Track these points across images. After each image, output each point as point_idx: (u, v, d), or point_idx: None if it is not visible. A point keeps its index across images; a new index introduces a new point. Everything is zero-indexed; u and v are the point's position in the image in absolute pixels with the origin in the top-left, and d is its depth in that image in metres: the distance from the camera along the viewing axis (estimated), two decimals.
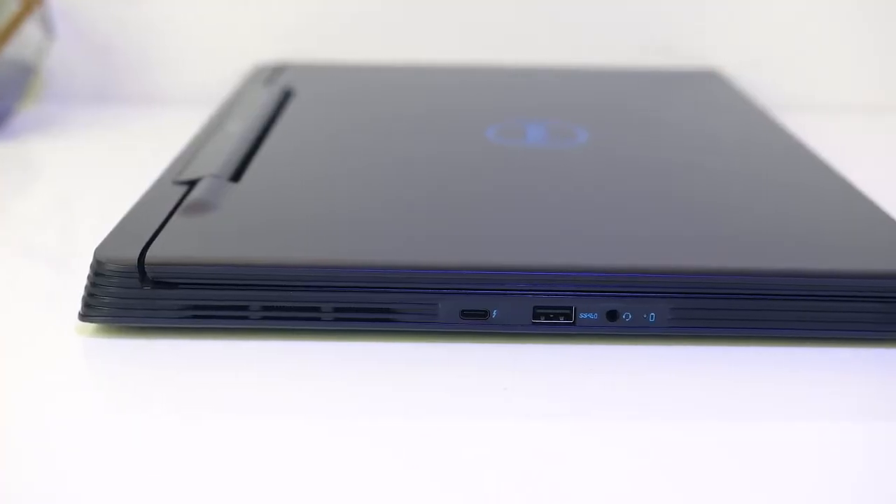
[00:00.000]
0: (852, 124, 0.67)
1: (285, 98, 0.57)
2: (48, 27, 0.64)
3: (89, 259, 0.35)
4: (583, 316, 0.35)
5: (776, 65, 0.70)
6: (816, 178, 0.45)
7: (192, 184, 0.41)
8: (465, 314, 0.35)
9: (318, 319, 0.35)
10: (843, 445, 0.30)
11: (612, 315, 0.35)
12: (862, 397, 0.33)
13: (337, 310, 0.35)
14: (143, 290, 0.35)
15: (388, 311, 0.35)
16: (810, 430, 0.31)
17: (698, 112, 0.58)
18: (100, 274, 0.35)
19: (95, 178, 0.55)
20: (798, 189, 0.43)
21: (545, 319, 0.35)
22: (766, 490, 0.28)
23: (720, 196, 0.42)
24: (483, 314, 0.35)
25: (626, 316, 0.35)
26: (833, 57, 0.70)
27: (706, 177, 0.45)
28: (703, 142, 0.51)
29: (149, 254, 0.35)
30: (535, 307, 0.35)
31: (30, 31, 0.61)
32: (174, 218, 0.38)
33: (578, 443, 0.30)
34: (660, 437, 0.31)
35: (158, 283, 0.35)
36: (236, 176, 0.43)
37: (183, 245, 0.36)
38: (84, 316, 0.35)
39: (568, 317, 0.35)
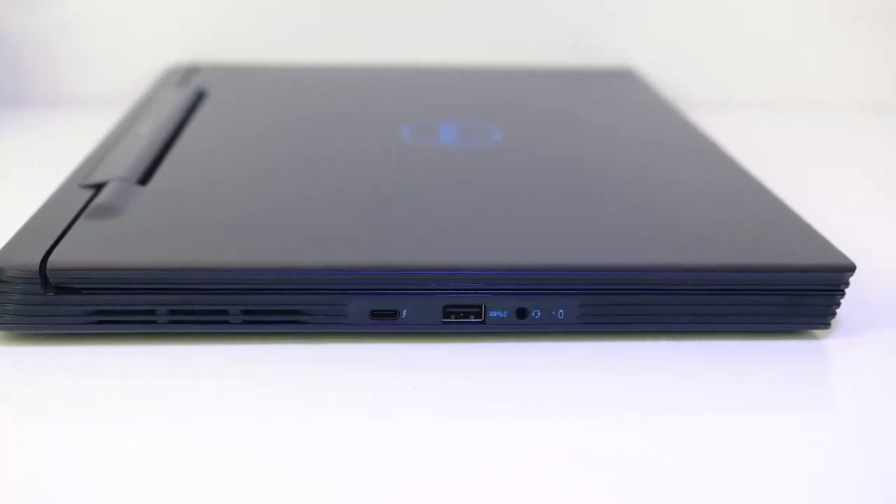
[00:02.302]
0: (762, 122, 0.68)
1: (198, 99, 0.56)
2: None
3: None
4: (492, 314, 0.35)
5: (689, 64, 0.71)
6: (724, 175, 0.45)
7: (98, 187, 0.41)
8: (375, 314, 0.35)
9: (227, 322, 0.35)
10: (747, 436, 0.31)
11: (522, 312, 0.35)
12: (765, 388, 0.34)
13: (245, 312, 0.35)
14: (45, 297, 0.34)
15: (297, 312, 0.35)
16: (716, 422, 0.32)
17: (611, 110, 0.59)
18: (1, 281, 0.34)
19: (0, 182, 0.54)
20: (705, 186, 0.44)
21: (455, 318, 0.35)
22: (674, 480, 0.29)
23: (629, 194, 0.43)
24: (393, 314, 0.35)
25: (536, 313, 0.35)
26: (743, 56, 0.72)
27: (616, 175, 0.45)
28: (614, 140, 0.52)
29: (51, 259, 0.34)
30: (445, 306, 0.35)
31: None
32: (79, 222, 0.37)
33: (487, 441, 0.30)
34: (569, 432, 0.31)
35: (62, 289, 0.34)
36: (145, 179, 0.42)
37: (87, 249, 0.35)
38: None
39: (478, 315, 0.35)
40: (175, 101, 0.55)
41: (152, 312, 0.35)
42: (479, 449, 0.30)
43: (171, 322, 0.35)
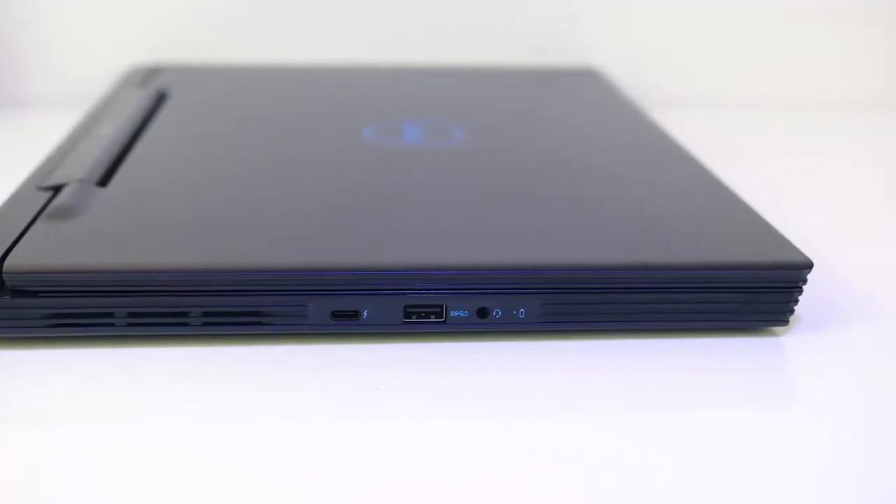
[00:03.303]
0: (724, 120, 0.69)
1: (159, 100, 0.56)
2: None
3: None
4: (453, 314, 0.35)
5: (652, 63, 0.72)
6: (684, 174, 0.46)
7: (57, 189, 0.40)
8: (336, 315, 0.35)
9: (186, 325, 0.35)
10: (707, 432, 0.31)
11: (483, 312, 0.35)
12: (725, 385, 0.34)
13: (205, 314, 0.35)
14: (2, 300, 0.34)
15: (257, 314, 0.35)
16: (676, 418, 0.32)
17: (574, 110, 0.59)
18: None
19: None
20: (666, 185, 0.44)
21: (416, 318, 0.35)
22: (636, 476, 0.29)
23: (590, 192, 0.43)
24: (354, 315, 0.35)
25: (497, 312, 0.35)
26: (706, 55, 0.72)
27: (578, 174, 0.45)
28: (576, 139, 0.52)
29: (7, 261, 0.34)
30: (406, 306, 0.35)
31: None
32: (36, 224, 0.37)
33: (448, 440, 0.30)
34: (531, 431, 0.31)
35: (18, 292, 0.34)
36: (104, 180, 0.42)
37: (44, 252, 0.35)
38: None
39: (439, 315, 0.35)
40: (136, 101, 0.54)
41: (111, 315, 0.34)
42: (442, 449, 0.30)
43: (129, 325, 0.34)
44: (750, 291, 0.36)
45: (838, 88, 0.74)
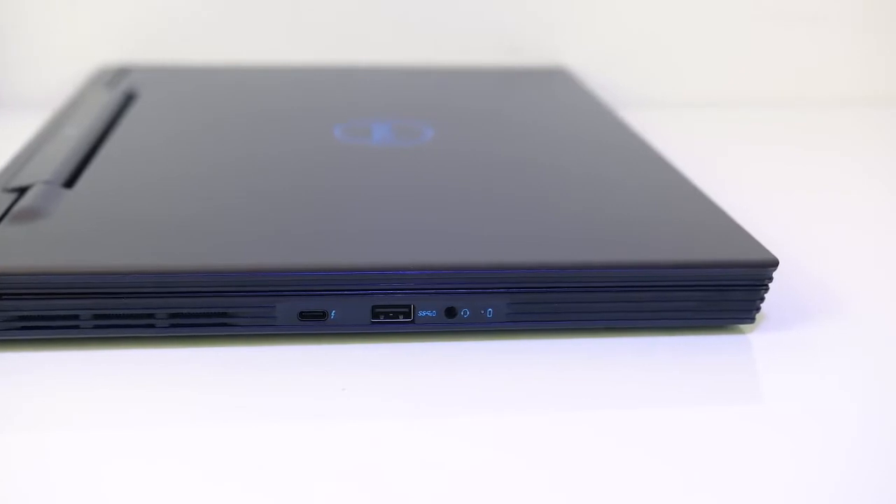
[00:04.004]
0: (694, 119, 0.69)
1: (127, 101, 0.55)
2: None
3: None
4: (421, 314, 0.35)
5: (622, 63, 0.72)
6: (652, 173, 0.46)
7: (22, 191, 0.40)
8: (304, 316, 0.35)
9: (153, 326, 0.35)
10: (674, 430, 0.31)
11: (451, 312, 0.35)
12: (692, 383, 0.34)
13: (172, 316, 0.34)
14: None
15: (224, 315, 0.35)
16: (644, 417, 0.32)
17: (543, 109, 0.59)
18: None
19: None
20: (634, 184, 0.45)
21: (384, 318, 0.35)
22: (605, 475, 0.29)
23: (558, 192, 0.43)
24: (322, 315, 0.35)
25: (465, 312, 0.35)
26: (675, 56, 0.72)
27: (546, 173, 0.46)
28: (545, 139, 0.52)
29: None
30: (374, 306, 0.35)
31: None
32: (1, 226, 0.37)
33: (416, 441, 0.30)
34: (500, 430, 0.31)
35: None
36: (70, 182, 0.41)
37: (9, 254, 0.34)
38: None
39: (407, 315, 0.35)
40: (104, 102, 0.54)
41: (76, 317, 0.34)
42: (410, 449, 0.30)
43: (95, 327, 0.34)
44: (716, 289, 0.36)
45: (805, 87, 0.74)
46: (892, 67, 0.75)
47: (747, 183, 0.55)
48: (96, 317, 0.34)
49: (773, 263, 0.36)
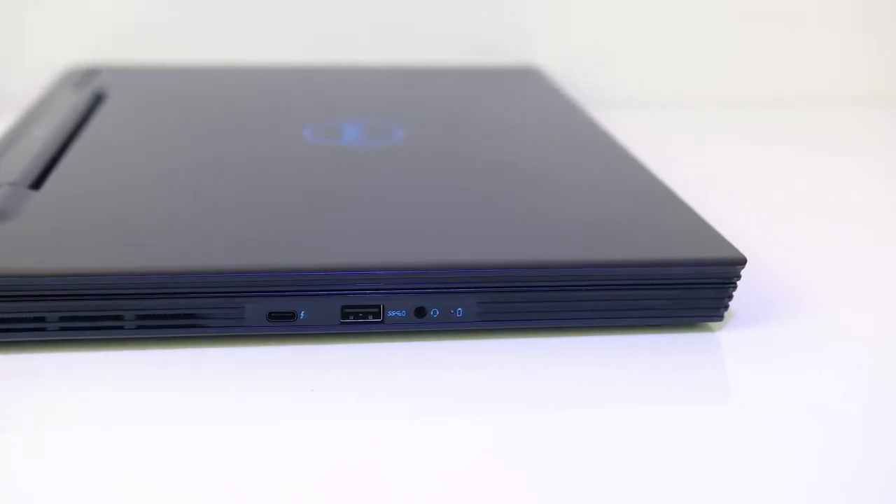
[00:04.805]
0: (664, 119, 0.69)
1: (96, 101, 0.55)
2: None
3: None
4: (391, 314, 0.35)
5: (595, 62, 0.72)
6: (622, 172, 0.46)
7: None
8: (273, 316, 0.35)
9: (121, 328, 0.34)
10: (644, 429, 0.31)
11: (420, 311, 0.35)
12: (662, 381, 0.34)
13: (140, 317, 0.34)
14: None
15: (192, 316, 0.34)
16: (613, 416, 0.32)
17: (515, 109, 0.59)
18: None
19: None
20: (603, 183, 0.45)
21: (353, 318, 0.35)
22: (575, 474, 0.29)
23: (528, 191, 0.43)
24: (291, 316, 0.35)
25: (434, 312, 0.35)
26: (647, 55, 0.73)
27: (516, 172, 0.46)
28: (516, 138, 0.52)
29: None
30: (344, 307, 0.35)
31: None
32: None
33: (386, 441, 0.30)
34: (471, 430, 0.31)
35: None
36: (37, 183, 0.41)
37: None
38: None
39: (376, 315, 0.35)
40: (72, 103, 0.54)
41: (43, 320, 0.34)
42: (380, 450, 0.30)
43: (62, 329, 0.34)
44: (684, 288, 0.36)
45: (777, 86, 0.75)
46: (862, 66, 0.76)
47: (717, 181, 0.55)
48: (63, 319, 0.34)
49: (741, 261, 0.36)
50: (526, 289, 0.36)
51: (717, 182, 0.55)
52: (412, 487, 0.28)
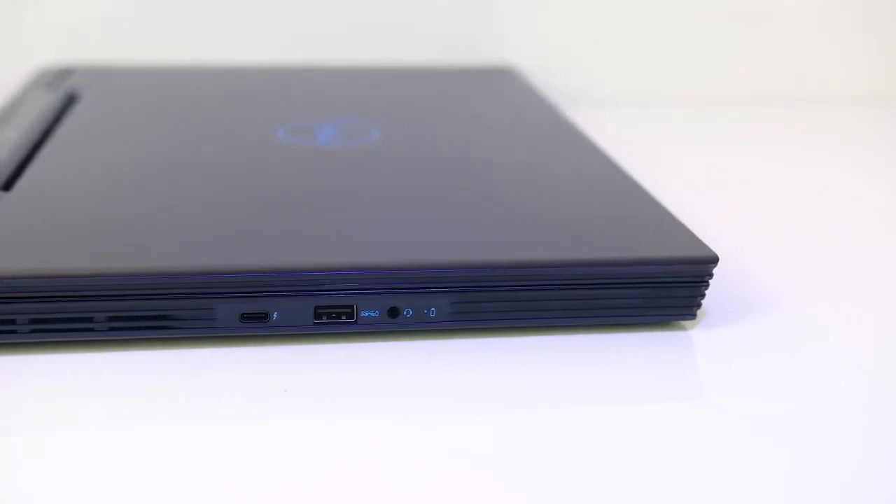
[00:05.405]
0: (639, 118, 0.69)
1: (69, 102, 0.55)
2: None
3: None
4: (364, 314, 0.35)
5: (570, 61, 0.72)
6: (595, 171, 0.46)
7: None
8: (245, 317, 0.35)
9: (92, 330, 0.34)
10: (617, 427, 0.32)
11: (394, 311, 0.35)
12: (635, 380, 0.35)
13: (111, 319, 0.34)
14: None
15: (164, 318, 0.34)
16: (587, 414, 0.32)
17: (490, 109, 0.59)
18: None
19: None
20: (577, 182, 0.45)
21: (327, 319, 0.35)
22: (550, 473, 0.29)
23: (502, 190, 0.43)
24: (263, 316, 0.35)
25: (407, 312, 0.35)
26: (621, 55, 0.73)
27: (490, 172, 0.46)
28: (491, 138, 0.52)
29: None
30: (317, 307, 0.35)
31: None
32: None
33: (358, 442, 0.30)
34: (445, 430, 0.31)
35: None
36: (8, 184, 0.41)
37: None
38: None
39: (350, 315, 0.35)
40: (44, 103, 0.53)
41: (13, 322, 0.33)
42: (353, 450, 0.30)
43: (32, 331, 0.34)
44: (657, 286, 0.37)
45: (748, 85, 0.75)
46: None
47: (690, 180, 0.55)
48: (33, 321, 0.34)
49: (713, 259, 0.36)
50: (499, 288, 0.36)
51: (689, 180, 0.55)
52: (386, 488, 0.28)
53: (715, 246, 0.37)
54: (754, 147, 0.65)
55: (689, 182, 0.55)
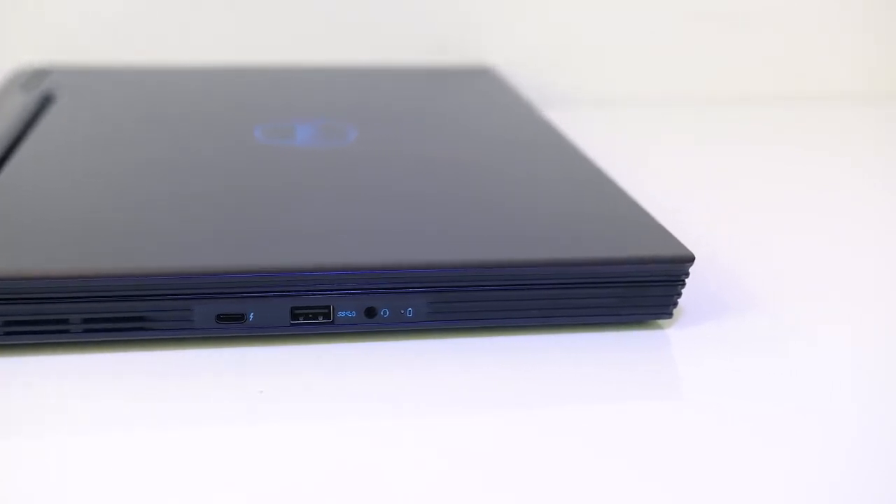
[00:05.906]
0: (617, 119, 0.70)
1: (45, 103, 0.54)
2: None
3: None
4: (341, 314, 0.35)
5: (548, 62, 0.72)
6: (572, 171, 0.46)
7: None
8: (222, 318, 0.35)
9: (67, 332, 0.34)
10: (595, 426, 0.32)
11: (370, 312, 0.35)
12: (612, 379, 0.35)
13: (86, 321, 0.34)
14: None
15: (140, 319, 0.34)
16: (564, 413, 0.32)
17: (468, 109, 0.59)
18: None
19: None
20: (554, 182, 0.45)
21: (303, 319, 0.35)
22: (528, 472, 0.29)
23: (479, 190, 0.43)
24: (240, 317, 0.35)
25: (384, 312, 0.35)
26: (599, 55, 0.73)
27: (468, 172, 0.46)
28: (469, 138, 0.52)
29: None
30: (293, 308, 0.35)
31: None
32: None
33: (338, 442, 0.30)
34: (422, 430, 0.31)
35: None
36: None
37: None
38: None
39: (326, 316, 0.35)
40: (19, 104, 0.53)
41: None
42: (330, 451, 0.30)
43: (6, 333, 0.34)
44: (633, 285, 0.37)
45: (728, 85, 0.75)
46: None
47: (668, 180, 0.55)
48: (7, 323, 0.33)
49: (689, 259, 0.36)
50: (476, 288, 0.36)
51: (667, 180, 0.55)
52: (363, 487, 0.28)
53: (699, 245, 0.38)
54: (734, 145, 0.65)
55: (668, 181, 0.55)
